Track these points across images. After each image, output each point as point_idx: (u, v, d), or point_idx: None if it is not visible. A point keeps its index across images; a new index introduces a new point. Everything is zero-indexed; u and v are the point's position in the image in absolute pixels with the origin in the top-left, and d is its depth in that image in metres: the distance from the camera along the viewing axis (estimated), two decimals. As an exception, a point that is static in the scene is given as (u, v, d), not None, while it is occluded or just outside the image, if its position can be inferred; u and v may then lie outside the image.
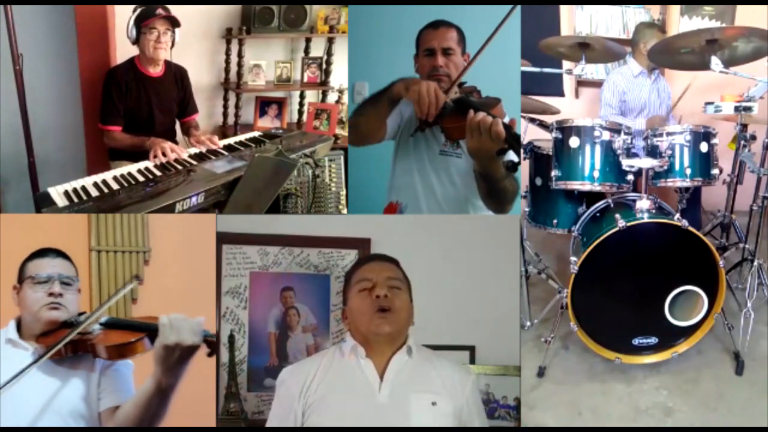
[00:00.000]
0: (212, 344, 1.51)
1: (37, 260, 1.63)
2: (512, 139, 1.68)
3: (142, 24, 2.66)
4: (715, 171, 2.44)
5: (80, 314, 1.64)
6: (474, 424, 1.55)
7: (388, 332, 1.52)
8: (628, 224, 2.19)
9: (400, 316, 1.54)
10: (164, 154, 2.47)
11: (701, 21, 3.89)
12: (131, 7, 2.70)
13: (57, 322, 1.59)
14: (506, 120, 1.74)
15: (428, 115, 1.88)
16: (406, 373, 1.53)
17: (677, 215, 2.30)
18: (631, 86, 3.21)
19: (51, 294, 1.59)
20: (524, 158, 2.64)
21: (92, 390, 1.58)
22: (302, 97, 3.74)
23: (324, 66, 3.61)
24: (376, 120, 2.07)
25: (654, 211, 2.32)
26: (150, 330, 1.51)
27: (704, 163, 2.43)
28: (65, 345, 1.52)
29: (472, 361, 2.37)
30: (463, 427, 1.52)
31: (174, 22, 2.71)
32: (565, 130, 2.41)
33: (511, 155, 1.73)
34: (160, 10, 2.66)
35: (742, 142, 2.60)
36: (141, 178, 2.28)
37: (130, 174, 2.31)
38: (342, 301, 1.65)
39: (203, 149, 2.66)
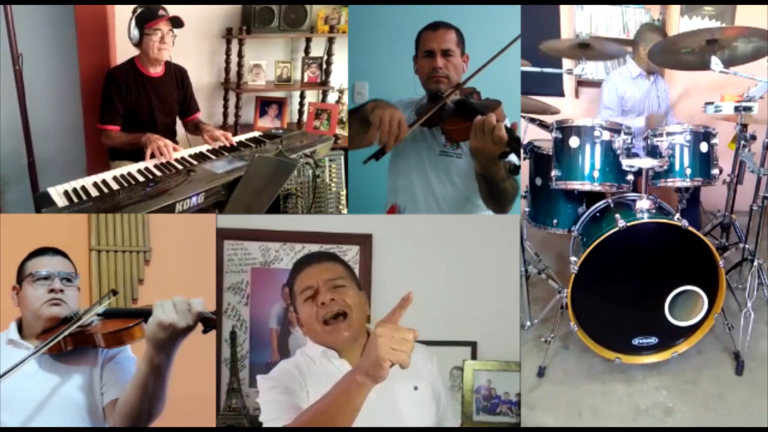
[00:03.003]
0: (210, 321, 1.48)
1: (36, 259, 1.64)
2: (513, 143, 1.68)
3: (145, 25, 2.65)
4: (715, 171, 2.44)
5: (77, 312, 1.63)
6: (444, 399, 1.57)
7: (347, 338, 1.46)
8: (628, 224, 2.19)
9: (354, 316, 1.46)
10: (161, 154, 2.46)
11: (701, 21, 3.88)
12: (131, 7, 2.70)
13: (58, 318, 1.59)
14: (507, 123, 1.74)
15: (387, 144, 1.84)
16: None
17: (677, 215, 2.30)
18: (630, 87, 3.22)
19: (52, 290, 1.59)
20: (524, 158, 2.64)
21: (95, 384, 1.58)
22: (302, 97, 3.74)
23: (324, 66, 3.61)
24: (354, 132, 2.07)
25: (654, 211, 2.32)
26: (147, 315, 1.49)
27: (704, 163, 2.42)
28: (65, 339, 1.51)
29: (474, 356, 2.37)
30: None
31: (177, 23, 2.71)
32: (565, 130, 2.41)
33: (512, 158, 1.74)
34: (162, 11, 2.66)
35: (742, 142, 2.60)
36: (141, 178, 2.28)
37: (130, 174, 2.31)
38: (293, 309, 1.55)
39: (218, 145, 2.67)
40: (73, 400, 1.55)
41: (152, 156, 2.45)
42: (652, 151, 2.45)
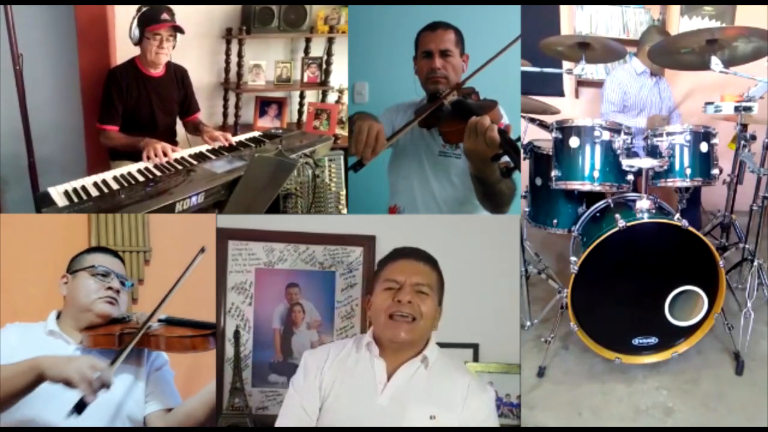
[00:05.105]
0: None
1: (97, 254, 1.65)
2: (507, 145, 1.67)
3: (146, 29, 2.65)
4: (715, 171, 2.44)
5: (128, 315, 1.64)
6: None
7: (403, 339, 1.48)
8: (628, 224, 2.19)
9: (421, 324, 1.50)
10: (157, 156, 2.45)
11: (701, 21, 3.89)
12: (132, 7, 2.70)
13: (109, 317, 1.59)
14: (504, 121, 1.74)
15: (363, 157, 1.82)
16: (415, 382, 1.50)
17: (677, 215, 2.30)
18: (633, 84, 3.23)
19: (110, 288, 1.60)
20: (524, 158, 2.64)
21: (139, 389, 1.58)
22: (302, 97, 3.74)
23: (324, 66, 3.61)
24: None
25: (654, 211, 2.32)
26: (209, 328, 1.52)
27: (704, 163, 2.42)
28: (120, 336, 1.50)
29: (476, 358, 2.37)
30: (460, 427, 1.51)
31: (178, 30, 2.70)
32: (565, 130, 2.41)
33: (506, 160, 1.73)
34: (165, 15, 2.65)
35: (742, 142, 2.60)
36: (141, 178, 2.28)
37: (130, 174, 2.32)
38: (368, 290, 1.59)
39: (217, 145, 2.67)
40: (114, 400, 1.52)
41: (148, 158, 2.45)
42: (652, 151, 2.45)
